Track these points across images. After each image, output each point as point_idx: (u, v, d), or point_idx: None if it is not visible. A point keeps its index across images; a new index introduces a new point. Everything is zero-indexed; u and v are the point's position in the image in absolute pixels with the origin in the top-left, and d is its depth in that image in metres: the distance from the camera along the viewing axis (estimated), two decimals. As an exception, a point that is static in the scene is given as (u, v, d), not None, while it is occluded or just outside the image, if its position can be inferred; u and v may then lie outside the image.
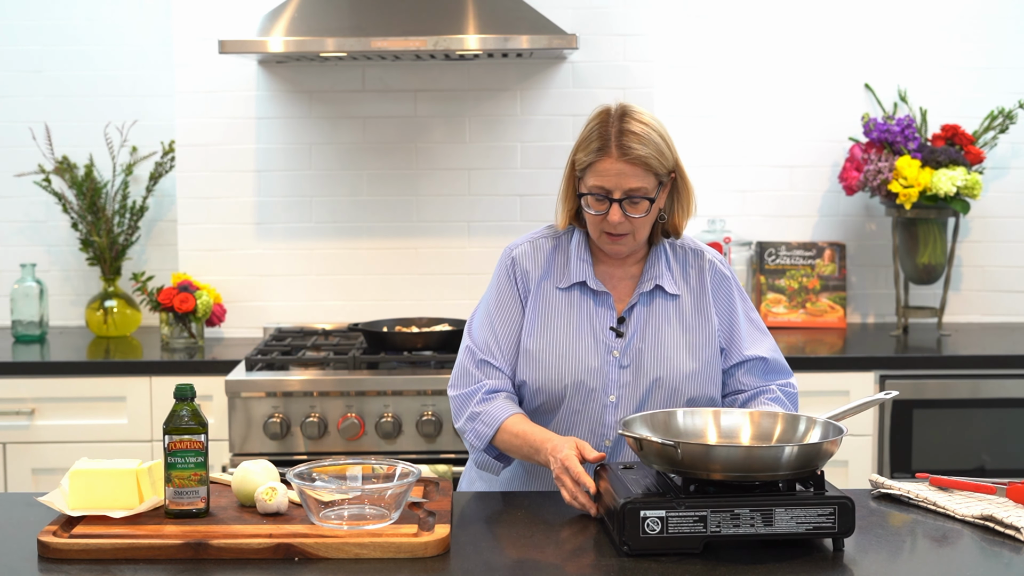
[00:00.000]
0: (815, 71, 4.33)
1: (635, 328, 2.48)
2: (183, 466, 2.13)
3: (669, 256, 2.55)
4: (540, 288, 2.52)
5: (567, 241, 2.55)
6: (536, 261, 2.54)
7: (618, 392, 2.45)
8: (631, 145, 2.38)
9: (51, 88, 4.32)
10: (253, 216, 4.19)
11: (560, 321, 2.48)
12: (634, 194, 2.40)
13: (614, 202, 2.40)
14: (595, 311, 2.49)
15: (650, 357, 2.46)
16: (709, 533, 2.00)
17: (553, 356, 2.46)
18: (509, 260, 2.56)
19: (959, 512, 2.22)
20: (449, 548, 2.04)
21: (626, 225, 2.42)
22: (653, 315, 2.49)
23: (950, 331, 4.19)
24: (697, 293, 2.53)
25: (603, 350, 2.46)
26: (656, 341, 2.47)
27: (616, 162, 2.39)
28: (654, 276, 2.51)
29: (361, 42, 3.72)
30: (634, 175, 2.39)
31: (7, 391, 3.72)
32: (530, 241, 2.58)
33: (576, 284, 2.51)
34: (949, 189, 3.96)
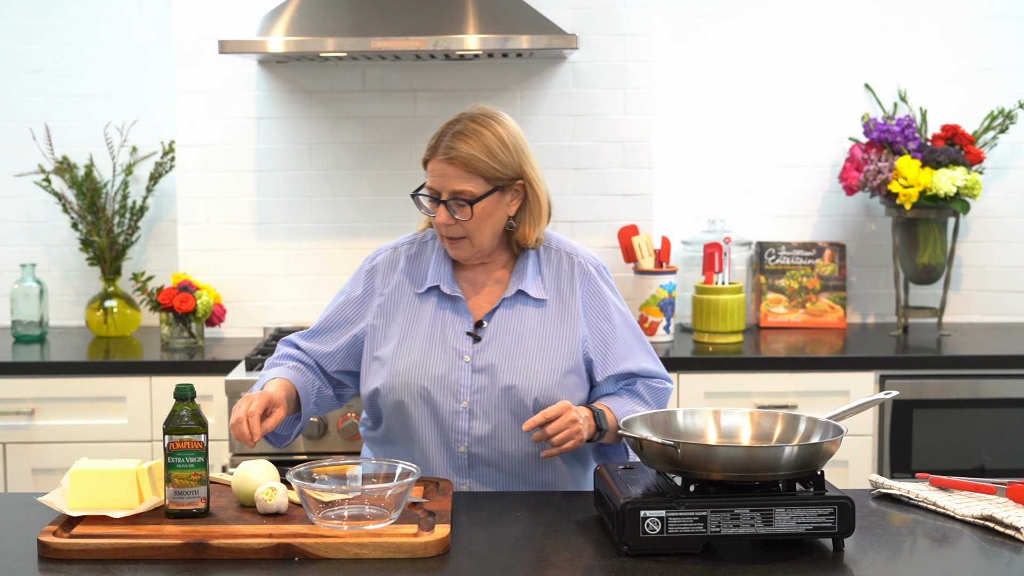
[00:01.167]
0: (815, 71, 4.33)
1: (493, 334, 2.46)
2: (183, 466, 2.13)
3: (540, 261, 2.52)
4: (396, 295, 2.50)
5: (432, 246, 2.54)
6: (394, 269, 2.53)
7: (471, 398, 2.43)
8: (454, 146, 2.38)
9: (51, 88, 4.32)
10: (253, 216, 4.19)
11: (412, 327, 2.47)
12: (458, 196, 2.39)
13: (442, 203, 2.39)
14: (450, 316, 2.47)
15: (505, 364, 2.43)
16: (709, 533, 2.00)
17: (403, 362, 2.44)
18: (368, 267, 2.55)
19: (959, 512, 2.22)
20: (449, 548, 2.04)
21: (458, 228, 2.41)
22: (515, 321, 2.47)
23: (950, 331, 4.19)
24: (567, 300, 2.50)
25: (453, 355, 2.44)
26: (513, 348, 2.44)
27: (439, 162, 2.39)
28: (520, 281, 2.48)
29: (361, 42, 3.72)
30: (457, 176, 2.38)
31: (7, 391, 3.72)
32: (392, 248, 2.57)
33: (433, 289, 2.49)
34: (949, 189, 3.96)
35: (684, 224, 4.33)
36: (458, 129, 2.40)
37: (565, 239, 2.58)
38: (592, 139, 4.18)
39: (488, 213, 2.41)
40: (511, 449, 2.45)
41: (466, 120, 2.42)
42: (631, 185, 4.17)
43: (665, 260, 4.08)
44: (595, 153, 4.18)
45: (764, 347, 3.98)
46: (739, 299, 3.98)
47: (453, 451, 2.44)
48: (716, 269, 3.99)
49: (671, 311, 4.03)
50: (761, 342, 4.06)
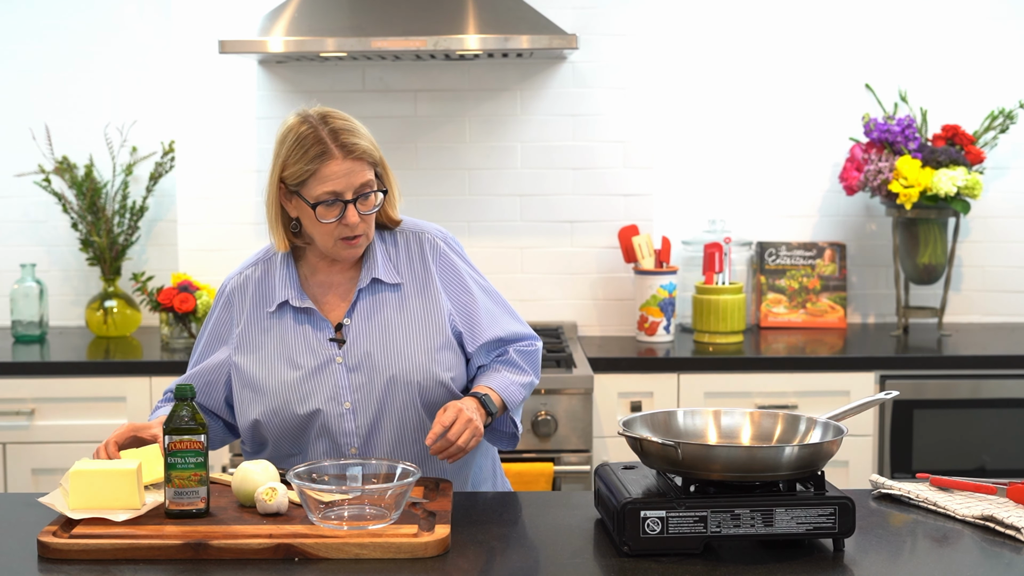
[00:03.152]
0: (815, 71, 4.33)
1: (359, 329, 2.44)
2: (183, 466, 2.13)
3: (387, 245, 2.50)
4: (251, 320, 2.47)
5: (272, 266, 2.51)
6: (244, 293, 2.50)
7: (352, 397, 2.41)
8: (353, 141, 2.35)
9: (51, 88, 4.32)
10: (253, 216, 4.19)
11: (275, 347, 2.44)
12: (365, 190, 2.36)
13: (348, 203, 2.36)
14: (308, 329, 2.44)
15: (380, 355, 2.42)
16: (709, 533, 2.00)
17: (274, 381, 2.42)
18: (223, 299, 2.53)
19: (959, 512, 2.22)
20: (449, 548, 2.03)
21: (362, 225, 2.38)
22: (377, 311, 2.45)
23: (950, 331, 4.19)
24: (421, 278, 2.49)
25: (324, 360, 2.42)
26: (384, 338, 2.43)
27: (343, 161, 2.34)
28: (371, 270, 2.46)
29: (361, 42, 3.72)
30: (360, 171, 2.36)
31: (7, 391, 3.72)
32: (239, 273, 2.54)
33: (284, 305, 2.46)
34: (949, 189, 3.96)
35: (684, 224, 4.33)
36: (336, 127, 2.36)
37: (408, 218, 2.56)
38: (592, 139, 4.18)
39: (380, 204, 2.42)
40: (399, 440, 2.43)
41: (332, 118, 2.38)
42: (631, 185, 4.17)
43: (665, 260, 4.08)
44: (595, 153, 4.18)
45: (764, 347, 3.98)
46: (739, 299, 3.98)
47: (343, 455, 2.42)
48: (716, 269, 3.99)
49: (671, 311, 4.03)
50: (761, 342, 4.06)
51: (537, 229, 4.18)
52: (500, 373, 2.48)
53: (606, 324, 4.19)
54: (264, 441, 2.48)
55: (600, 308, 4.19)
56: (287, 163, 2.38)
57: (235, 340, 2.48)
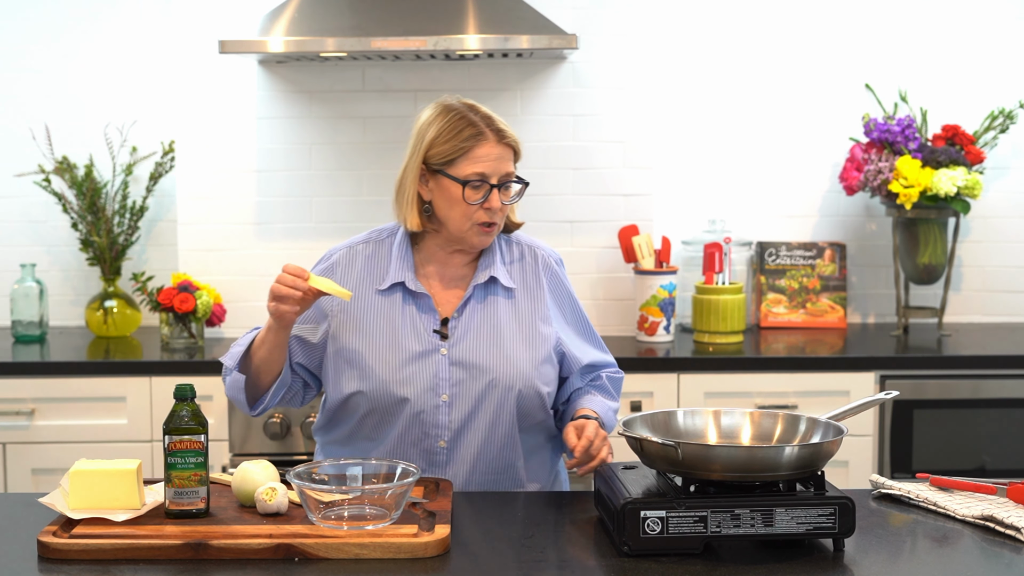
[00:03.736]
0: (815, 71, 4.33)
1: (468, 326, 2.45)
2: (183, 466, 2.13)
3: (503, 251, 2.53)
4: (359, 295, 2.47)
5: (389, 244, 2.52)
6: (352, 266, 2.50)
7: (451, 391, 2.42)
8: (504, 128, 2.40)
9: (51, 88, 4.32)
10: (253, 216, 4.19)
11: (381, 324, 2.45)
12: (509, 179, 2.40)
13: (494, 188, 2.38)
14: (417, 314, 2.45)
15: (486, 355, 2.43)
16: (709, 533, 2.00)
17: (376, 360, 2.42)
18: (324, 265, 2.54)
19: (959, 512, 2.22)
20: (449, 548, 2.03)
21: (499, 213, 2.41)
22: (488, 311, 2.47)
23: (950, 331, 4.19)
24: (533, 290, 2.52)
25: (427, 349, 2.43)
26: (492, 338, 2.45)
27: (496, 146, 2.38)
28: (489, 269, 2.48)
29: (361, 42, 3.73)
30: (508, 159, 2.40)
31: (7, 391, 3.72)
32: (348, 247, 2.54)
33: (396, 286, 2.47)
34: (949, 189, 3.96)
35: (684, 224, 4.33)
36: (488, 114, 2.42)
37: (521, 234, 2.59)
38: (592, 139, 4.18)
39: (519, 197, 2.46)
40: (488, 441, 2.45)
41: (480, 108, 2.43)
42: (631, 185, 4.17)
43: (665, 260, 4.08)
44: (595, 153, 4.18)
45: (764, 347, 3.98)
46: (739, 299, 3.98)
47: (432, 447, 2.44)
48: (716, 269, 3.99)
49: (671, 311, 4.03)
50: (761, 342, 4.06)
51: (537, 229, 4.17)
52: (597, 398, 2.54)
53: (606, 324, 4.19)
54: (347, 418, 2.47)
55: (600, 308, 4.19)
56: (435, 142, 2.40)
57: (336, 313, 2.47)
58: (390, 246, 2.51)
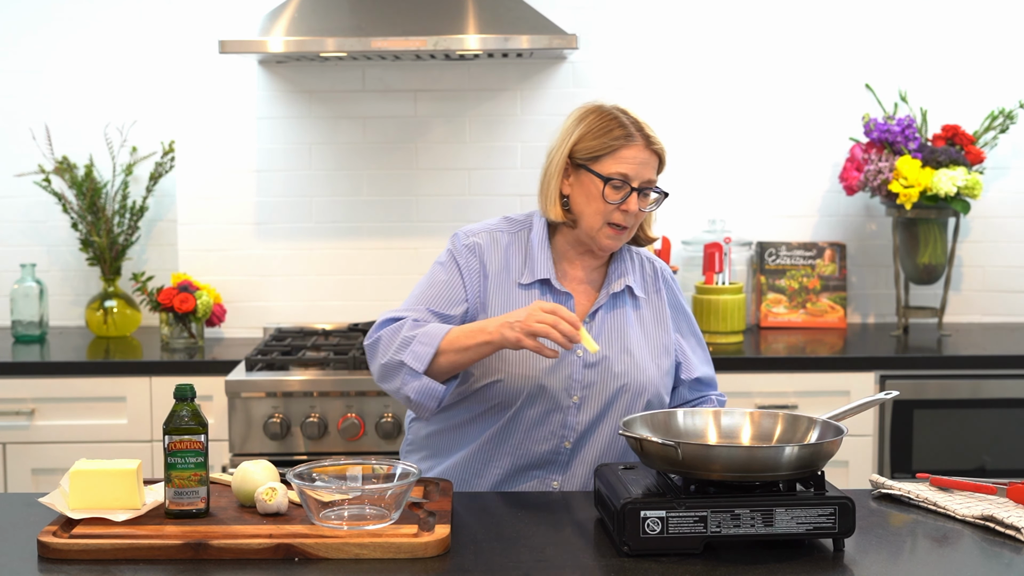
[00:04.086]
0: (815, 71, 4.33)
1: (599, 330, 2.46)
2: (183, 466, 2.13)
3: (633, 260, 2.54)
4: (498, 283, 2.46)
5: (524, 236, 2.50)
6: (494, 254, 2.48)
7: (581, 393, 2.42)
8: (654, 135, 2.41)
9: (51, 88, 4.32)
10: (253, 216, 4.19)
11: None
12: (650, 186, 2.40)
13: (633, 191, 2.38)
14: None
15: (618, 361, 2.44)
16: (709, 533, 2.00)
17: (514, 354, 2.41)
18: (463, 247, 2.48)
19: (959, 512, 2.22)
20: (449, 548, 2.03)
21: (634, 218, 2.41)
22: (618, 318, 2.48)
23: (950, 331, 4.19)
24: (654, 301, 2.54)
25: (566, 351, 2.41)
26: (623, 344, 2.46)
27: (643, 150, 2.39)
28: (624, 277, 2.49)
29: (361, 42, 3.72)
30: (652, 166, 2.41)
31: (7, 391, 3.72)
32: (488, 232, 2.51)
33: (538, 282, 2.46)
34: (949, 189, 3.96)
35: (684, 224, 4.33)
36: (639, 120, 2.42)
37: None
38: (592, 139, 4.17)
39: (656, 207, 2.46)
40: (611, 445, 2.46)
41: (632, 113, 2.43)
42: (631, 185, 4.17)
43: (665, 260, 4.08)
44: (595, 153, 4.17)
45: (764, 347, 3.98)
46: (739, 299, 3.98)
47: (557, 447, 2.44)
48: (716, 269, 3.99)
49: (671, 311, 4.03)
50: (761, 342, 4.06)
51: (537, 229, 4.17)
52: None
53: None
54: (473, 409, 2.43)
55: (600, 308, 4.18)
56: (584, 137, 2.41)
57: (478, 297, 2.45)
58: (526, 238, 2.49)
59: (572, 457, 2.45)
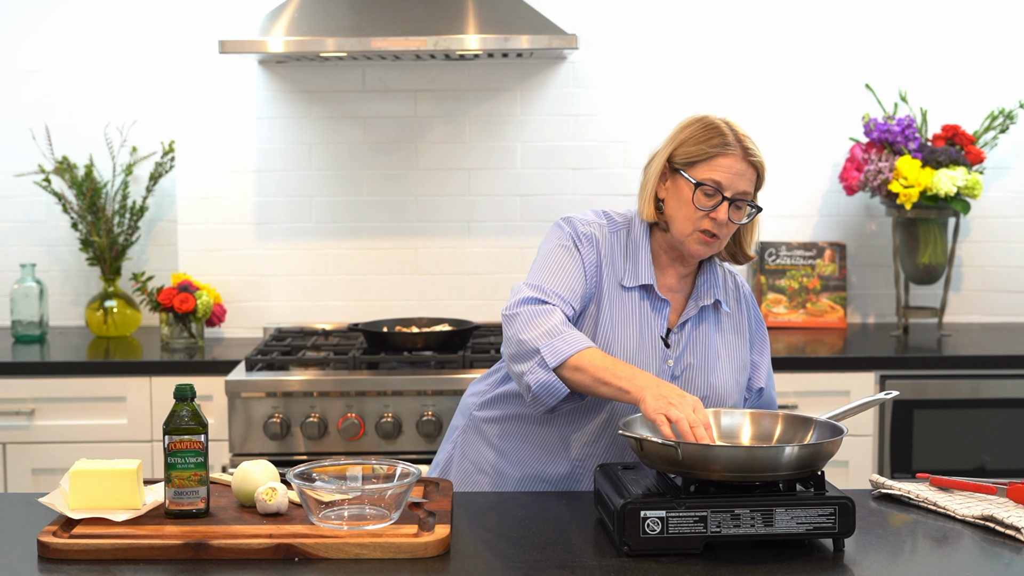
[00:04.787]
0: (815, 71, 4.33)
1: (687, 341, 2.46)
2: (183, 466, 2.13)
3: (718, 273, 2.53)
4: (606, 279, 2.44)
5: (624, 236, 2.48)
6: (605, 248, 2.46)
7: None
8: (753, 148, 2.39)
9: (51, 88, 4.32)
10: (253, 216, 4.19)
11: (627, 319, 2.43)
12: (743, 198, 2.38)
13: (725, 200, 2.37)
14: (652, 317, 2.44)
15: (700, 373, 2.45)
16: (709, 533, 2.00)
17: (624, 354, 2.40)
18: (583, 235, 2.46)
19: (960, 512, 2.22)
20: (449, 548, 2.03)
21: (725, 229, 2.40)
22: (704, 330, 2.48)
23: (950, 331, 4.19)
24: (735, 314, 2.54)
25: (660, 358, 2.43)
26: (707, 358, 2.46)
27: (739, 161, 2.37)
28: (712, 289, 2.49)
29: (361, 42, 3.72)
30: (749, 179, 2.39)
31: (7, 391, 3.72)
32: (600, 225, 2.48)
33: (640, 287, 2.45)
34: (949, 189, 3.96)
35: (684, 224, 4.33)
36: (742, 133, 2.41)
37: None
38: (592, 139, 4.18)
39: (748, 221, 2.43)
40: None
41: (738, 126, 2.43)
42: (631, 185, 4.15)
43: (665, 260, 4.08)
44: (595, 153, 4.18)
45: (764, 347, 3.97)
46: (739, 299, 3.98)
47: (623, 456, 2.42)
48: (716, 269, 3.98)
49: (671, 311, 4.03)
50: (761, 342, 4.06)
51: (537, 229, 4.17)
52: None
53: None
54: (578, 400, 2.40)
55: (600, 308, 4.19)
56: (685, 142, 2.41)
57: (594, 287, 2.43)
58: (625, 239, 2.48)
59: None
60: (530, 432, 2.50)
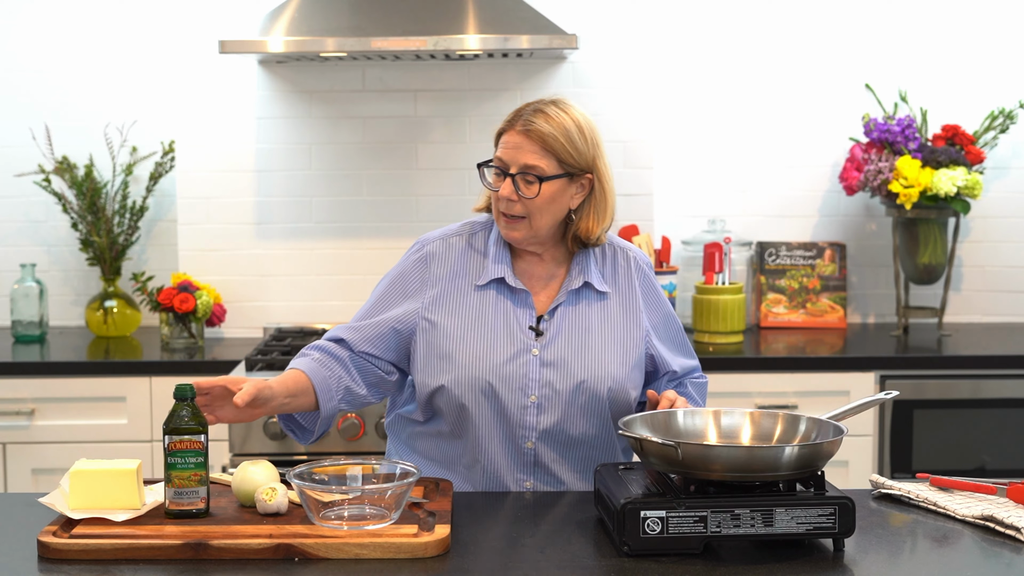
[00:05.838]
0: (815, 71, 4.33)
1: (559, 327, 2.44)
2: (183, 466, 2.13)
3: (596, 254, 2.51)
4: (452, 288, 2.45)
5: (484, 237, 2.50)
6: (447, 260, 2.48)
7: (539, 392, 2.41)
8: (534, 121, 2.36)
9: (51, 88, 4.32)
10: (253, 216, 4.19)
11: (475, 321, 2.43)
12: (528, 171, 2.35)
13: (508, 176, 2.36)
14: (513, 310, 2.43)
15: (576, 358, 2.42)
16: (709, 533, 2.00)
17: (468, 356, 2.40)
18: (417, 255, 2.49)
19: (959, 512, 2.22)
20: (449, 548, 2.03)
21: (519, 207, 2.37)
22: (580, 315, 2.45)
23: (950, 331, 4.19)
24: (626, 293, 2.50)
25: (521, 349, 2.41)
26: (583, 342, 2.43)
27: (516, 135, 2.37)
28: (583, 272, 2.46)
29: (361, 42, 3.72)
30: (532, 151, 2.36)
31: (7, 391, 3.72)
32: (443, 239, 2.51)
33: (494, 282, 2.45)
34: (949, 189, 3.96)
35: (684, 224, 4.33)
36: (539, 107, 2.39)
37: (612, 234, 2.57)
38: (592, 139, 4.17)
39: (553, 197, 2.38)
40: (576, 444, 2.44)
41: (548, 103, 2.41)
42: (631, 185, 4.17)
43: (665, 260, 4.08)
44: (595, 153, 4.17)
45: (764, 347, 3.98)
46: (739, 299, 3.98)
47: (519, 447, 2.42)
48: (716, 269, 3.99)
49: (671, 311, 4.03)
50: (761, 342, 4.06)
51: (537, 229, 4.17)
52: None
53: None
54: (435, 412, 2.45)
55: (600, 308, 4.19)
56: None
57: (429, 304, 2.45)
58: (485, 240, 2.49)
59: (540, 457, 2.43)
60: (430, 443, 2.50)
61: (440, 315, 2.44)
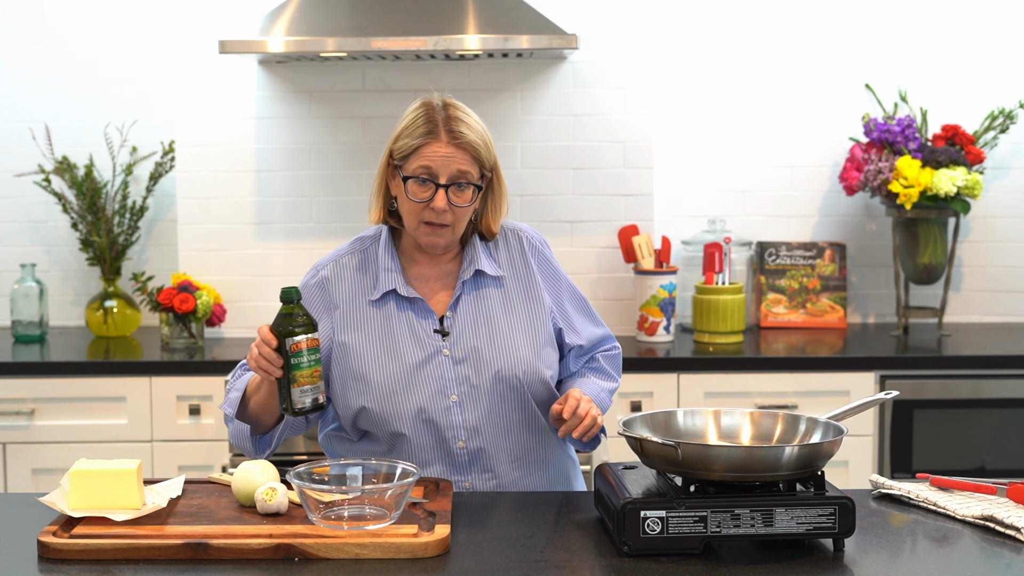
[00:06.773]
0: (815, 71, 4.33)
1: (464, 322, 2.44)
2: (309, 364, 2.17)
3: (488, 243, 2.51)
4: (351, 308, 2.45)
5: (374, 252, 2.49)
6: (341, 279, 2.48)
7: (459, 390, 2.41)
8: (460, 130, 2.37)
9: (51, 88, 4.32)
10: (253, 216, 4.19)
11: (377, 335, 2.43)
12: (461, 179, 2.36)
13: (440, 187, 2.36)
14: (414, 318, 2.44)
15: (487, 349, 2.42)
16: (709, 533, 2.00)
17: (381, 372, 2.40)
18: (314, 280, 2.50)
19: (959, 512, 2.22)
20: (449, 548, 2.03)
21: (448, 215, 2.38)
22: (482, 305, 2.46)
23: (950, 331, 4.19)
24: (523, 274, 2.50)
25: (432, 353, 2.41)
26: (490, 332, 2.44)
27: (445, 145, 2.36)
28: (473, 261, 2.46)
29: (361, 42, 3.73)
30: (462, 160, 2.36)
31: (7, 391, 3.72)
32: (334, 261, 2.51)
33: (388, 294, 2.45)
34: (949, 189, 3.96)
35: (684, 224, 4.33)
36: (453, 115, 2.38)
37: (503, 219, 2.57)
38: (592, 139, 4.18)
39: (475, 201, 2.41)
40: (506, 433, 2.44)
41: (454, 107, 2.40)
42: (631, 185, 4.17)
43: (665, 260, 4.08)
44: (595, 153, 4.18)
45: (764, 347, 3.98)
46: (739, 299, 3.98)
47: (451, 449, 2.42)
48: (716, 269, 3.99)
49: (671, 311, 4.03)
50: (761, 342, 4.06)
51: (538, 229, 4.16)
52: (590, 380, 2.53)
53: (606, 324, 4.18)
54: (367, 431, 2.46)
55: (600, 308, 4.19)
56: (399, 137, 2.41)
57: (336, 327, 2.45)
58: (375, 253, 2.49)
59: (476, 455, 2.43)
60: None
61: (347, 336, 2.44)
